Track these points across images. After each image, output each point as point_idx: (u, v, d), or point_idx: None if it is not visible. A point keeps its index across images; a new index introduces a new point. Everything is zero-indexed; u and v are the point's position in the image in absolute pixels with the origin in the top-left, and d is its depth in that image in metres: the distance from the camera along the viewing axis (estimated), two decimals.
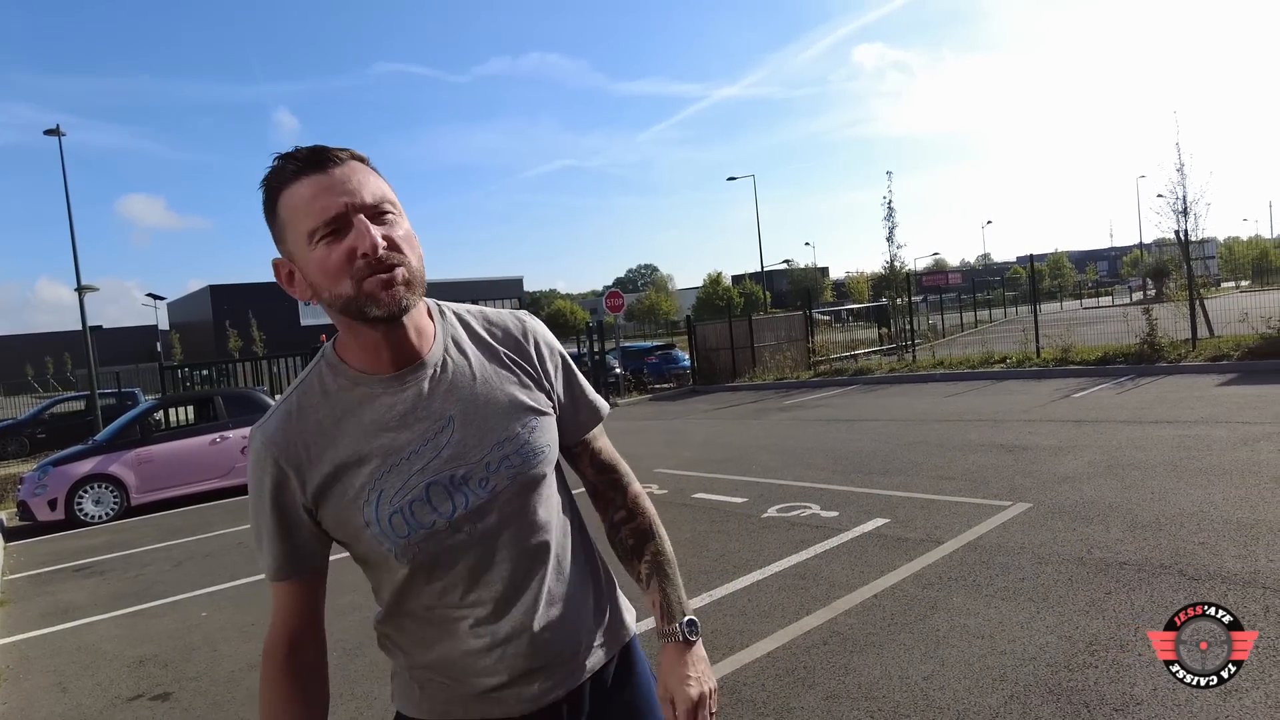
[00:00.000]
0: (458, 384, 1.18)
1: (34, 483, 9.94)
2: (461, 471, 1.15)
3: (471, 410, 1.17)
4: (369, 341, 1.14)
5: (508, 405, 1.20)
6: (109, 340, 57.57)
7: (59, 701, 4.19)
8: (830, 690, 3.34)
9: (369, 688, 3.90)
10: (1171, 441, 7.34)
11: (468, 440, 1.16)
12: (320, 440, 1.14)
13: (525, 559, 1.20)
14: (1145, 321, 13.33)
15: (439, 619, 1.20)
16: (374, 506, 1.13)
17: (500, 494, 1.17)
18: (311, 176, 1.07)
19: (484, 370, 1.21)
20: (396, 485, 1.13)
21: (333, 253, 1.06)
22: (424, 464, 1.14)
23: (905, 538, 5.31)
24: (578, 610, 1.27)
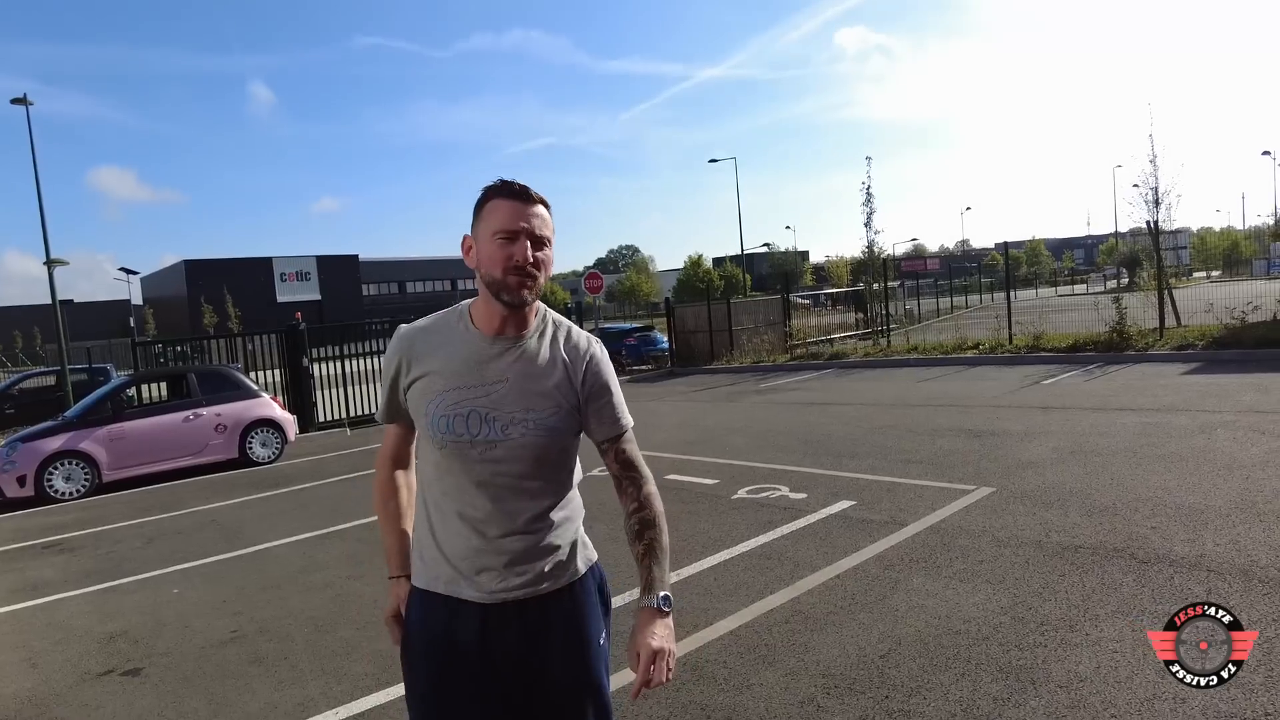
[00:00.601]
0: (525, 362, 1.67)
1: (2, 459, 9.83)
2: (494, 414, 1.63)
3: (523, 382, 1.66)
4: (491, 311, 1.67)
5: (546, 391, 1.67)
6: (81, 315, 56.65)
7: (28, 677, 4.21)
8: (789, 667, 3.44)
9: (339, 663, 3.96)
10: (1133, 428, 7.52)
11: (508, 397, 1.64)
12: (429, 352, 1.70)
13: (511, 493, 1.65)
14: (1115, 310, 13.56)
15: (446, 507, 1.68)
16: (435, 404, 1.65)
17: (510, 440, 1.63)
18: (514, 201, 1.62)
19: (546, 363, 1.68)
20: (452, 400, 1.64)
21: (501, 250, 1.61)
22: (474, 397, 1.64)
23: (870, 520, 5.43)
24: (541, 546, 1.68)
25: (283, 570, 5.71)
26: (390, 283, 74.70)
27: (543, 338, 1.71)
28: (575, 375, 1.70)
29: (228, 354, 16.37)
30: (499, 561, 1.64)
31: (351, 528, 6.74)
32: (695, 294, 48.43)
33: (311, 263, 66.45)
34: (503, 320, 1.66)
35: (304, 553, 6.13)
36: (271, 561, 5.99)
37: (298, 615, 4.73)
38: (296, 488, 9.03)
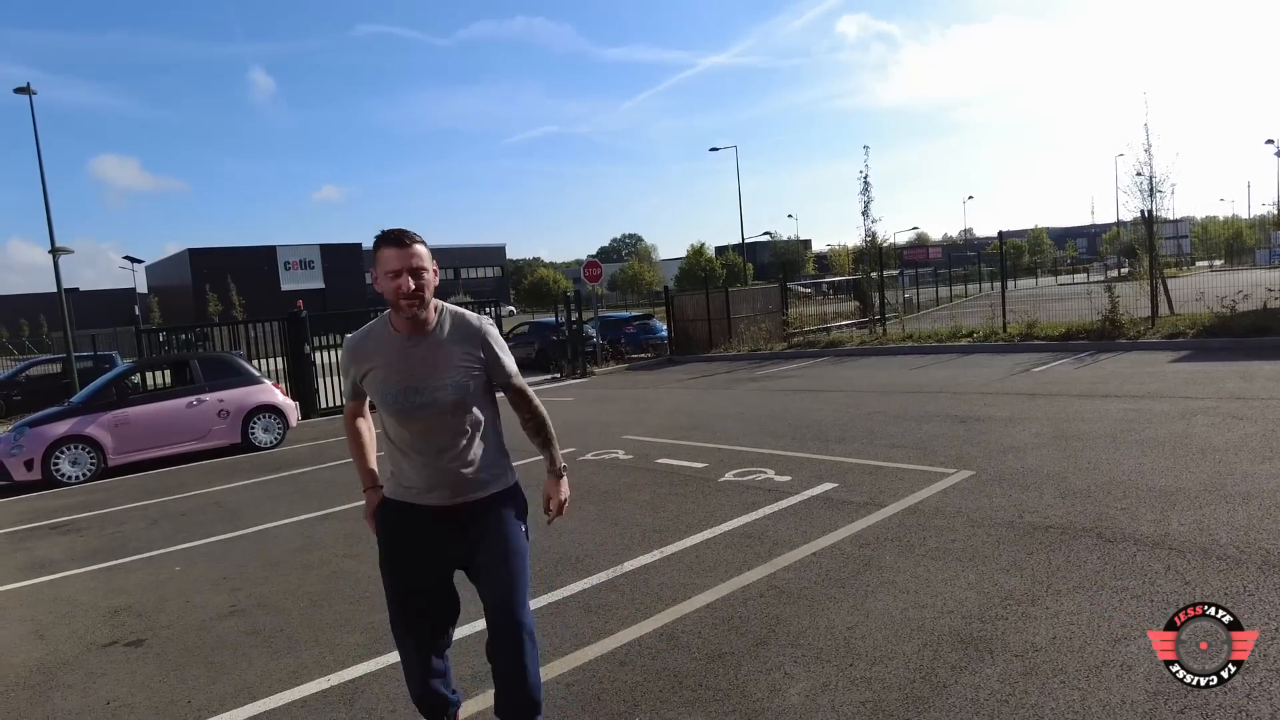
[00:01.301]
0: (432, 348, 2.48)
1: (10, 443, 10.03)
2: (419, 385, 2.45)
3: (435, 361, 2.47)
4: (398, 321, 2.49)
5: (454, 363, 2.48)
6: (86, 303, 56.88)
7: (36, 647, 4.39)
8: (760, 638, 3.60)
9: (333, 634, 4.14)
10: (1117, 414, 7.66)
11: (428, 374, 2.46)
12: (370, 353, 2.53)
13: (443, 434, 2.50)
14: (1108, 299, 13.66)
15: (399, 449, 2.56)
16: (381, 387, 2.49)
17: (435, 402, 2.46)
18: (395, 247, 2.39)
19: (449, 345, 2.49)
20: (393, 383, 2.47)
21: (390, 284, 2.40)
22: (403, 377, 2.47)
23: (850, 501, 5.59)
24: (472, 467, 2.54)
25: (281, 549, 5.89)
26: None
27: (442, 328, 2.50)
28: (474, 347, 2.51)
29: (231, 341, 16.55)
30: (443, 481, 2.51)
31: (350, 509, 6.92)
32: (697, 283, 48.49)
33: (315, 251, 66.65)
34: (409, 325, 2.47)
35: (303, 532, 6.31)
36: (271, 541, 6.18)
37: (294, 591, 4.91)
38: (297, 471, 9.21)
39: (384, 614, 4.34)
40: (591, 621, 3.99)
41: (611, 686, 3.29)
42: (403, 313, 2.41)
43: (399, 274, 2.36)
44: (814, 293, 31.03)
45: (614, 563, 4.81)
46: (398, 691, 3.45)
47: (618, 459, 7.87)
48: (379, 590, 4.68)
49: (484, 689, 3.25)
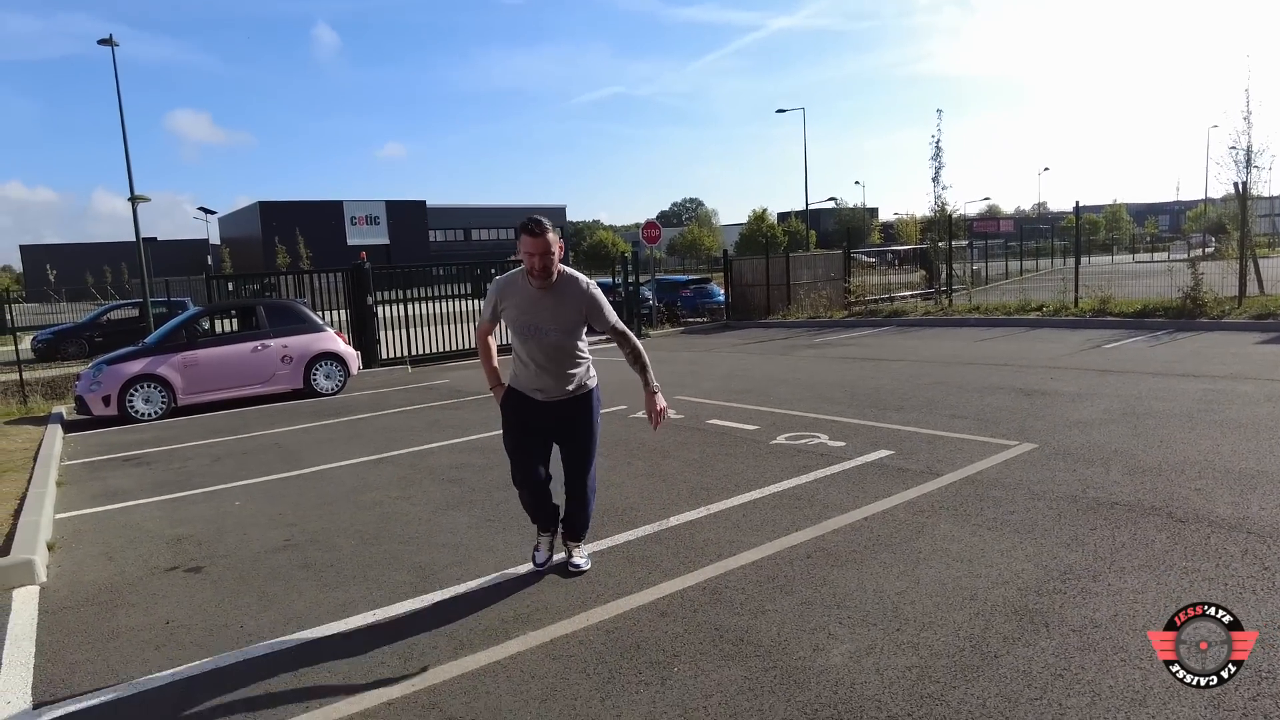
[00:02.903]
0: (553, 299, 3.64)
1: (90, 380, 10.49)
2: (541, 325, 3.66)
3: (553, 309, 3.65)
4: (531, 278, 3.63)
5: (565, 313, 3.66)
6: (163, 252, 59.04)
7: (105, 568, 4.59)
8: (805, 598, 3.53)
9: (381, 572, 4.21)
10: (1194, 394, 7.28)
11: (546, 317, 3.65)
12: (511, 294, 3.70)
13: (552, 353, 3.70)
14: (1190, 276, 12.98)
15: (520, 360, 3.79)
16: (513, 317, 3.71)
17: (550, 334, 3.66)
18: (530, 237, 3.51)
19: (562, 298, 3.65)
20: (523, 320, 3.68)
21: (527, 261, 3.54)
22: (529, 316, 3.67)
23: (906, 469, 5.44)
24: (568, 375, 3.78)
25: (336, 489, 6.03)
26: (457, 229, 75.72)
27: (562, 289, 3.65)
28: (580, 302, 3.66)
29: (296, 291, 16.94)
30: (549, 384, 3.75)
31: (404, 454, 7.04)
32: (758, 249, 47.76)
33: (381, 207, 67.74)
34: (539, 283, 3.60)
35: (358, 475, 6.45)
36: (327, 481, 6.32)
37: (346, 529, 5.01)
38: (356, 417, 9.42)
39: (431, 554, 4.45)
40: (634, 572, 3.97)
41: (651, 636, 3.27)
42: (533, 280, 3.57)
43: (532, 255, 3.49)
44: (878, 262, 30.32)
45: (660, 517, 4.78)
46: (441, 628, 3.50)
47: (670, 418, 7.81)
48: (428, 532, 4.85)
49: (525, 630, 3.25)
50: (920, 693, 2.73)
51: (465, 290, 17.48)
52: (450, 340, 16.10)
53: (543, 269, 3.51)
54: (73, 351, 20.58)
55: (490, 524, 4.93)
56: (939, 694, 2.72)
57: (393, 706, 2.88)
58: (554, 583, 3.93)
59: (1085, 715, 2.54)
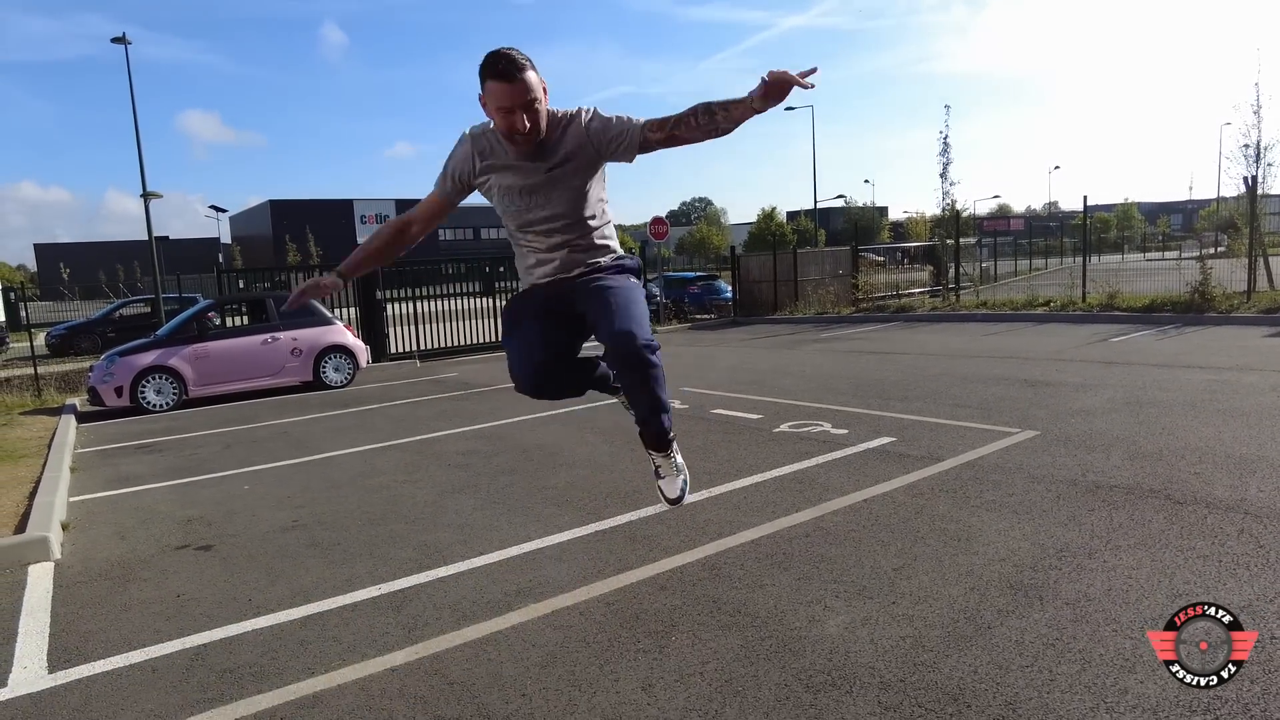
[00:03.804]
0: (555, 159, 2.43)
1: (103, 371, 10.63)
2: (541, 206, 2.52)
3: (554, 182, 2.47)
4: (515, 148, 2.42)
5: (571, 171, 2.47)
6: (175, 250, 59.43)
7: (118, 546, 4.68)
8: (803, 573, 3.58)
9: (386, 549, 4.28)
10: (1198, 385, 7.29)
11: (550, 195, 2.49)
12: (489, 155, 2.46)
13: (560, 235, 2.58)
14: (1199, 271, 12.95)
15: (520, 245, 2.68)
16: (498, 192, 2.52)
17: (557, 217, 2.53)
18: (501, 82, 2.23)
19: (566, 151, 2.43)
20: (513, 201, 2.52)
21: (504, 121, 2.30)
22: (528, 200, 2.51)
23: (907, 454, 5.48)
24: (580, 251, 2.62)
25: (344, 474, 6.11)
26: (466, 228, 75.92)
27: (557, 140, 2.43)
28: (583, 140, 2.42)
29: None
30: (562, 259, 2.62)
31: (412, 441, 7.12)
32: (766, 247, 47.76)
33: (390, 206, 67.98)
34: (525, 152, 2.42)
35: (365, 461, 6.53)
36: (334, 467, 6.41)
37: (353, 511, 5.09)
38: (364, 408, 9.51)
39: (437, 534, 4.52)
40: (636, 549, 4.03)
41: (651, 608, 3.33)
42: (519, 146, 2.35)
43: (510, 111, 2.24)
44: (887, 259, 30.25)
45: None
46: (444, 601, 3.57)
47: (675, 408, 7.86)
48: (434, 514, 4.92)
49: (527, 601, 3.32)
50: (914, 660, 2.78)
51: (475, 289, 17.57)
52: (459, 335, 16.19)
53: (531, 126, 2.28)
54: (85, 347, 20.79)
55: (495, 506, 5.00)
56: (932, 662, 2.76)
57: (396, 672, 2.95)
58: (556, 559, 4.00)
59: (1075, 681, 2.58)
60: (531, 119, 2.26)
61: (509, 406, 8.61)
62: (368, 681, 2.89)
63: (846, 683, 2.67)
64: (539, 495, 5.10)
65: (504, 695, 2.73)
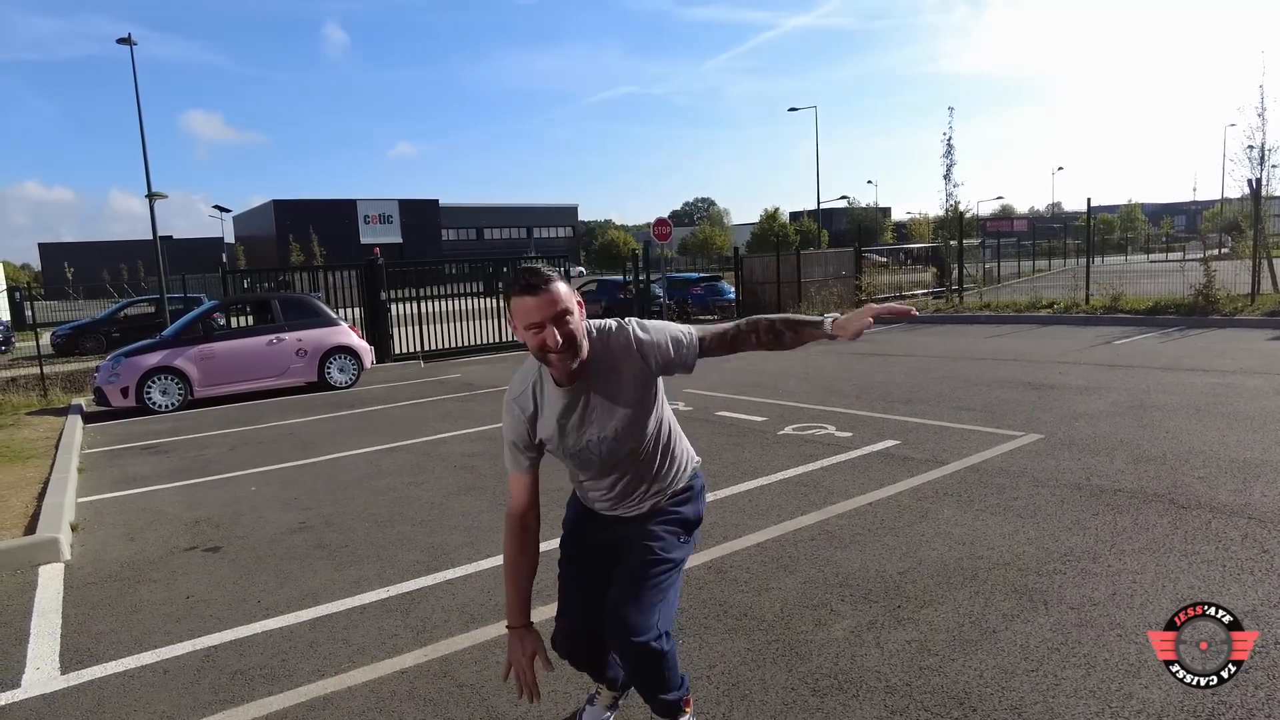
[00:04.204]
0: (597, 390, 2.09)
1: (108, 371, 10.66)
2: (598, 437, 2.13)
3: (603, 405, 2.11)
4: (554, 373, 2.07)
5: (623, 403, 2.10)
6: (179, 250, 59.58)
7: (127, 548, 4.71)
8: (808, 577, 3.61)
9: (393, 552, 4.31)
10: (1202, 388, 7.30)
11: (600, 420, 2.12)
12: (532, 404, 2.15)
13: (617, 469, 2.22)
14: (1203, 273, 12.95)
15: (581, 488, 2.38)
16: (566, 434, 2.14)
17: (608, 441, 2.14)
18: (529, 297, 1.94)
19: (612, 378, 2.09)
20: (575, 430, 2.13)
21: (534, 339, 1.96)
22: (578, 427, 2.13)
23: (911, 458, 5.50)
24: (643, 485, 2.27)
25: (350, 475, 6.14)
26: (469, 228, 76.04)
27: (597, 360, 2.07)
28: (637, 363, 2.08)
29: (310, 287, 17.11)
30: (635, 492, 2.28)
31: (417, 443, 7.15)
32: (770, 248, 47.74)
33: (394, 206, 68.10)
34: (566, 375, 2.06)
35: (371, 462, 6.56)
36: (341, 468, 6.44)
37: (360, 512, 5.12)
38: (369, 409, 9.54)
39: (443, 536, 4.55)
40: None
41: None
42: (555, 368, 2.03)
43: (538, 328, 1.95)
44: (890, 261, 30.25)
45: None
46: (452, 603, 3.59)
47: (676, 410, 7.88)
48: (440, 516, 4.94)
49: None
50: (919, 665, 2.80)
51: (478, 289, 17.61)
52: (462, 336, 16.23)
53: (566, 344, 1.97)
54: (90, 346, 20.85)
55: (501, 508, 4.98)
56: (938, 666, 2.79)
57: (406, 674, 2.97)
58: None
59: (1080, 686, 2.60)
60: (564, 333, 1.94)
61: None
62: (378, 683, 2.92)
63: (853, 686, 2.70)
64: (544, 498, 5.11)
65: (512, 698, 2.75)
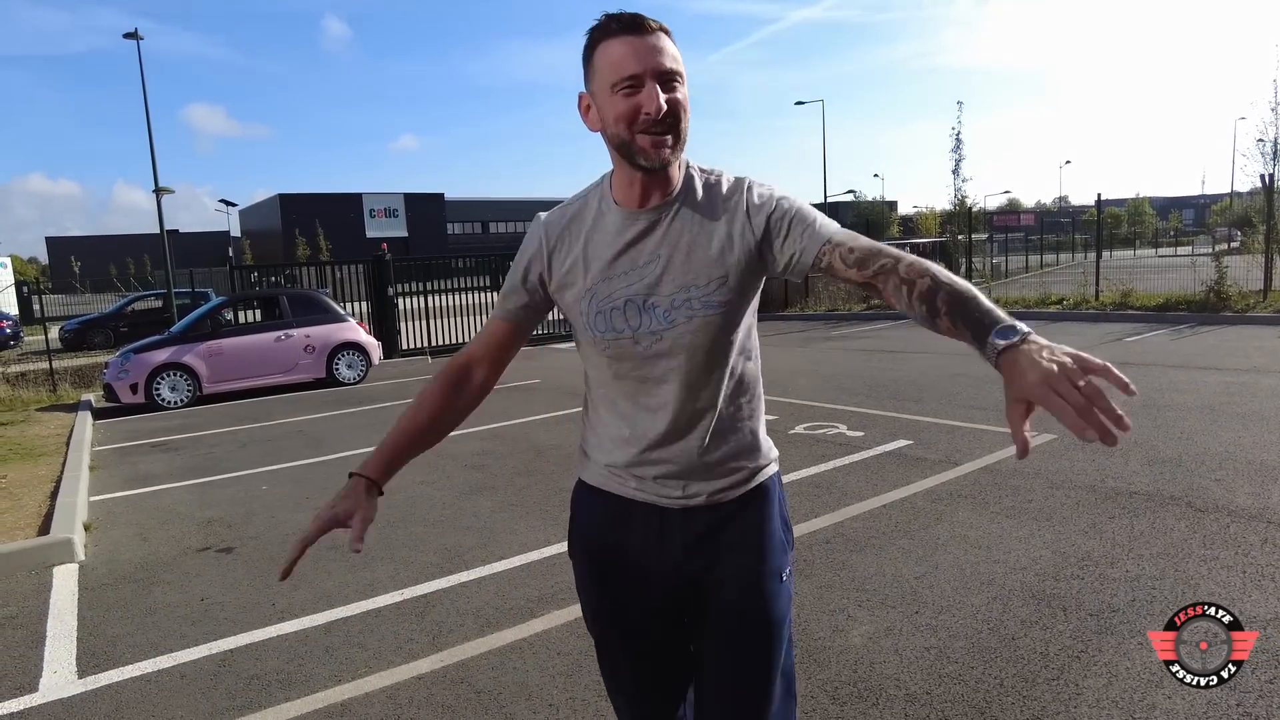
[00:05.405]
0: (676, 231, 1.40)
1: (117, 368, 10.69)
2: (652, 299, 1.39)
3: (678, 257, 1.39)
4: (628, 179, 1.39)
5: (706, 262, 1.39)
6: (184, 244, 59.65)
7: (140, 548, 4.72)
8: (825, 581, 3.59)
9: (407, 553, 4.31)
10: (1215, 387, 7.25)
11: (665, 278, 1.39)
12: (574, 241, 1.46)
13: (681, 375, 1.41)
14: (1214, 269, 12.87)
15: (602, 403, 1.51)
16: (587, 302, 1.43)
17: (675, 326, 1.39)
18: (626, 38, 1.30)
19: (701, 226, 1.40)
20: (605, 293, 1.42)
21: (626, 104, 1.30)
22: (628, 284, 1.41)
23: (925, 458, 5.47)
24: (709, 441, 1.44)
25: None
26: (474, 222, 76.00)
27: (691, 196, 1.42)
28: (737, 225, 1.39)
29: (317, 282, 17.12)
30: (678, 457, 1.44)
31: None
32: None
33: (399, 200, 68.10)
34: (644, 188, 1.38)
35: None
36: (351, 467, 6.40)
37: None
38: (378, 406, 9.55)
39: (456, 537, 4.54)
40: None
41: None
42: (646, 157, 1.32)
43: (638, 82, 1.29)
44: None
45: None
46: (467, 607, 3.59)
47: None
48: (452, 516, 4.94)
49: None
50: (939, 672, 2.79)
51: (484, 283, 17.61)
52: (470, 331, 16.23)
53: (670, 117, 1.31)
54: (99, 341, 20.95)
55: (513, 509, 5.02)
56: (957, 674, 2.77)
57: (423, 680, 2.97)
58: None
59: (1103, 695, 2.58)
60: (670, 100, 1.30)
61: (520, 406, 8.64)
62: (395, 689, 2.91)
63: (873, 695, 2.68)
64: (556, 498, 5.11)
65: (531, 705, 2.74)
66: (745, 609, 1.45)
